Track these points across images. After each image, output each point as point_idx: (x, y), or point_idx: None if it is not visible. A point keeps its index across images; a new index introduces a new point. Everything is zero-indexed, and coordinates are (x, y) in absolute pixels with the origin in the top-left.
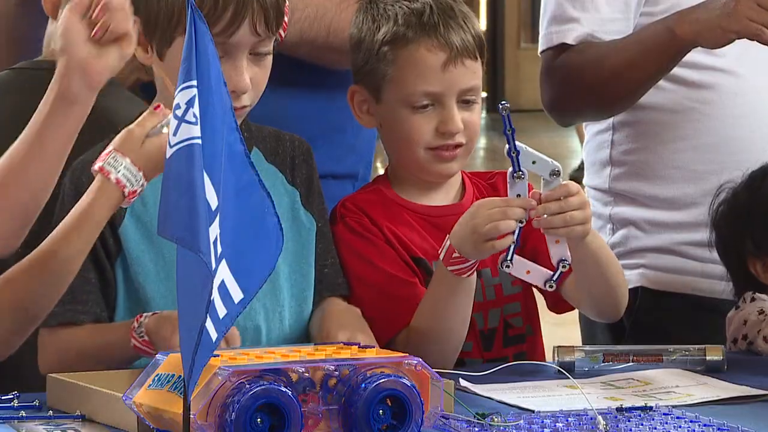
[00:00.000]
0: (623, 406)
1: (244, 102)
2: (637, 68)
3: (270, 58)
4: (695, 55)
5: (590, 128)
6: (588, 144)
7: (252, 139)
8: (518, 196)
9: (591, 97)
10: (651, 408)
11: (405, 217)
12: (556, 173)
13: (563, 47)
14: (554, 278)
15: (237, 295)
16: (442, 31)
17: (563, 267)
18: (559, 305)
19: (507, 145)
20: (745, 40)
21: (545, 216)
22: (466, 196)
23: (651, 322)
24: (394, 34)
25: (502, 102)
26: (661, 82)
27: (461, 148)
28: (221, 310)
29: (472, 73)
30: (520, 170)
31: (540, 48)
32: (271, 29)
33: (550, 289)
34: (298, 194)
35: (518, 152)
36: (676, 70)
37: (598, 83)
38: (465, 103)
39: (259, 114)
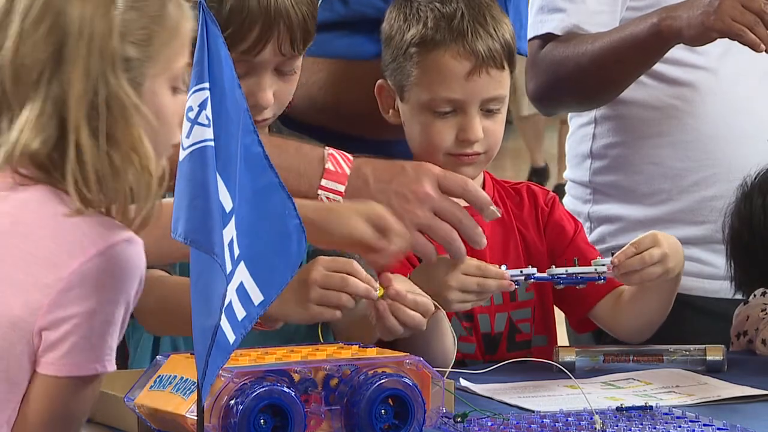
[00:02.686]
0: (623, 406)
1: (265, 115)
2: (619, 62)
3: (297, 74)
4: (677, 52)
5: (573, 121)
6: (571, 136)
7: None
8: None
9: (573, 87)
10: (651, 408)
11: None
12: None
13: (549, 37)
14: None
15: (257, 297)
16: (469, 39)
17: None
18: (583, 325)
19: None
20: (727, 39)
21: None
22: None
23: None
24: (422, 37)
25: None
26: (643, 78)
27: (480, 155)
28: (240, 312)
29: (497, 83)
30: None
31: (527, 36)
32: (297, 49)
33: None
34: None
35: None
36: (658, 67)
37: (580, 74)
38: (488, 111)
39: None
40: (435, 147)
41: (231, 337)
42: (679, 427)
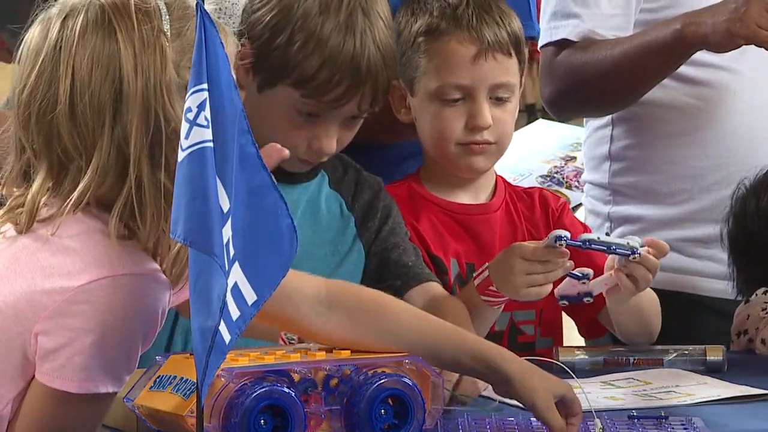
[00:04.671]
0: (635, 414)
1: (322, 159)
2: (640, 68)
3: (360, 122)
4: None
5: (590, 123)
6: (588, 139)
7: (322, 163)
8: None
9: (592, 94)
10: (666, 417)
11: (429, 213)
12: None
13: (564, 43)
14: (570, 300)
15: (250, 296)
16: (474, 24)
17: (588, 300)
18: (591, 331)
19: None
20: None
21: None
22: (496, 198)
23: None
24: (429, 26)
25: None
26: None
27: (491, 145)
28: (234, 312)
29: (504, 69)
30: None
31: (540, 43)
32: (374, 106)
33: (562, 305)
34: (353, 219)
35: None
36: None
37: (600, 81)
38: (497, 100)
39: None
40: (445, 137)
41: (227, 337)
42: None
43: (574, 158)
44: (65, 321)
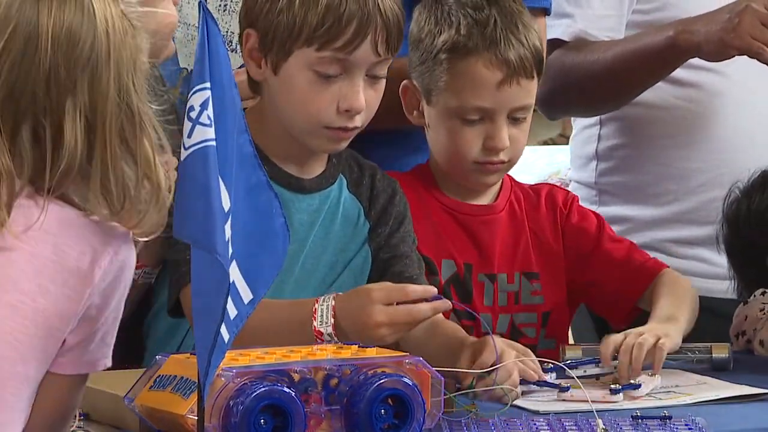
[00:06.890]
0: (639, 414)
1: (356, 123)
2: (632, 72)
3: (384, 82)
4: None
5: (578, 122)
6: (575, 138)
7: (340, 165)
8: None
9: (583, 94)
10: (669, 417)
11: (430, 210)
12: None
13: (556, 42)
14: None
15: (247, 295)
16: (502, 48)
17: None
18: (629, 317)
19: None
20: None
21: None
22: (500, 199)
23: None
24: (454, 43)
25: None
26: None
27: (505, 163)
28: (232, 311)
29: (526, 92)
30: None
31: None
32: (391, 49)
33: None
34: (369, 227)
35: None
36: None
37: (591, 82)
38: (514, 120)
39: None
40: (462, 155)
41: (225, 336)
42: None
43: (557, 172)
44: (92, 314)
